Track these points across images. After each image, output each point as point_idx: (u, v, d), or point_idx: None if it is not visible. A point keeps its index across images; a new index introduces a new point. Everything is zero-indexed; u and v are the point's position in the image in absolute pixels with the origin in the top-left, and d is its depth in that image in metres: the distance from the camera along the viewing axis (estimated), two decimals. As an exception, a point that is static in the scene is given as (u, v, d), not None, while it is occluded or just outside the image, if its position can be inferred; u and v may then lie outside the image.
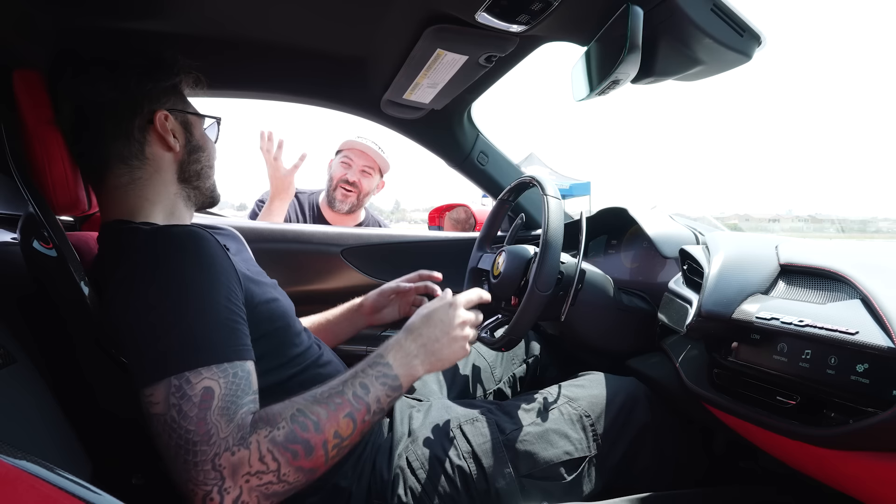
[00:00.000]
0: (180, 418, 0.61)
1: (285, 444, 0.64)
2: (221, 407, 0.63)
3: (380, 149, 1.95)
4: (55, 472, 0.47)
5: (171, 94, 0.92)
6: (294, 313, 0.92)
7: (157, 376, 0.63)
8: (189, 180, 0.93)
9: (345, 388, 0.71)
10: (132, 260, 0.71)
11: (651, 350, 1.11)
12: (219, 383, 0.64)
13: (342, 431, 0.68)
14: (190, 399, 0.62)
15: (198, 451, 0.60)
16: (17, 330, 0.70)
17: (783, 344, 0.71)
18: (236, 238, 1.04)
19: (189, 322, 0.66)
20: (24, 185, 0.80)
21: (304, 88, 1.40)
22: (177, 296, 0.67)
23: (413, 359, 0.79)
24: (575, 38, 1.00)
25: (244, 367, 0.68)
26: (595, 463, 0.88)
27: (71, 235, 0.87)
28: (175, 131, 0.90)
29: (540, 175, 1.10)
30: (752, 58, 0.86)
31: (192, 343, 0.65)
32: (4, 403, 0.61)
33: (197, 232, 0.73)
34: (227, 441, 0.61)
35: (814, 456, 0.71)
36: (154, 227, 0.79)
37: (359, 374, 0.74)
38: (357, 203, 1.98)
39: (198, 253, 0.71)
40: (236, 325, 0.70)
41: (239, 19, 1.06)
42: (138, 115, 0.86)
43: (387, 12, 1.01)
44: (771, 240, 0.92)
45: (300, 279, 1.57)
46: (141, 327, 0.66)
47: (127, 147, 0.85)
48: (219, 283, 0.70)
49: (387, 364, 0.76)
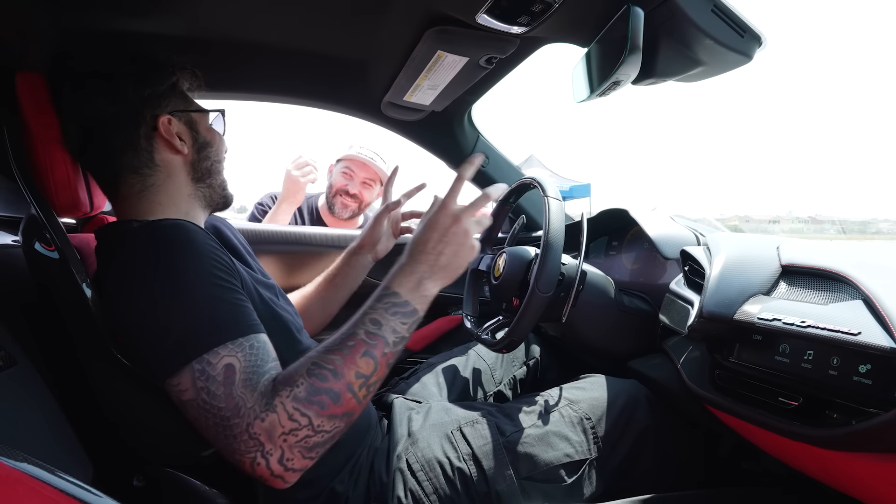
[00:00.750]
0: (210, 399, 0.63)
1: (309, 399, 0.64)
2: (244, 379, 0.64)
3: (382, 161, 1.95)
4: (56, 474, 0.47)
5: (170, 95, 0.90)
6: (294, 313, 0.93)
7: (178, 365, 0.64)
8: (202, 178, 0.91)
9: (356, 328, 0.69)
10: (125, 257, 0.71)
11: (652, 351, 1.10)
12: (237, 358, 0.65)
13: (364, 370, 0.67)
14: (214, 379, 0.63)
15: (232, 424, 0.62)
16: (18, 332, 0.70)
17: (785, 345, 0.71)
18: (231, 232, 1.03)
19: (195, 306, 0.67)
20: (26, 187, 0.81)
21: (305, 90, 1.40)
22: (178, 285, 0.68)
23: (422, 280, 0.74)
24: (575, 40, 1.00)
25: (259, 339, 0.68)
26: (596, 465, 0.88)
27: (73, 237, 0.87)
28: (181, 133, 0.89)
29: (540, 176, 1.10)
30: (753, 58, 0.86)
31: (204, 326, 0.66)
32: (5, 406, 0.61)
33: (183, 223, 0.74)
34: (255, 409, 0.62)
35: (816, 457, 0.71)
36: (142, 223, 0.79)
37: (368, 312, 0.71)
38: (357, 211, 2.00)
39: (189, 241, 0.71)
40: (241, 303, 0.71)
41: (240, 22, 1.06)
42: (142, 125, 0.85)
43: (387, 14, 1.01)
44: (772, 240, 0.92)
45: (301, 281, 1.57)
46: (149, 323, 0.67)
47: (136, 158, 0.85)
48: (214, 267, 0.71)
49: (395, 293, 0.72)
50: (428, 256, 0.75)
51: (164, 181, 0.87)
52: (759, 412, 0.75)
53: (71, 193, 0.87)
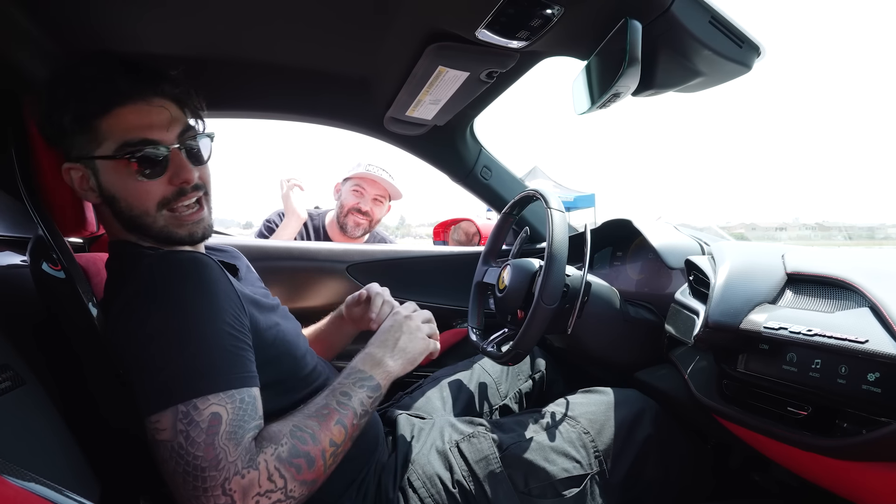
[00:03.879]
0: (188, 444, 0.62)
1: (289, 460, 0.65)
2: (229, 432, 0.63)
3: (390, 177, 1.97)
4: (63, 493, 0.47)
5: (79, 133, 0.78)
6: (299, 334, 0.93)
7: (163, 403, 0.63)
8: (131, 229, 0.82)
9: (328, 399, 0.75)
10: (135, 286, 0.71)
11: (659, 362, 1.10)
12: (226, 409, 0.64)
13: (336, 438, 0.71)
14: (198, 425, 0.62)
15: (207, 476, 0.61)
16: (26, 351, 0.71)
17: (792, 354, 0.71)
18: (240, 258, 1.04)
19: (195, 349, 0.66)
20: (33, 208, 0.82)
21: (308, 108, 1.42)
22: (182, 323, 0.67)
23: (383, 359, 0.85)
24: (575, 53, 1.01)
25: (250, 393, 0.68)
26: (598, 480, 0.87)
27: (80, 256, 0.87)
28: (86, 180, 0.81)
29: (543, 188, 1.10)
30: (752, 68, 0.86)
31: (200, 370, 0.65)
32: (14, 425, 0.61)
33: (200, 258, 0.73)
34: (237, 464, 0.62)
35: (826, 467, 0.70)
36: (158, 252, 0.79)
37: (338, 387, 0.78)
38: (368, 228, 2.01)
39: (201, 279, 0.71)
40: (241, 352, 0.70)
41: (244, 42, 1.08)
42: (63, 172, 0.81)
43: (388, 32, 1.02)
44: (777, 249, 0.91)
45: (306, 296, 1.58)
46: (146, 355, 0.66)
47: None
48: (223, 311, 0.70)
49: (359, 371, 0.81)
50: (387, 341, 0.88)
51: (110, 218, 0.84)
52: (768, 422, 0.74)
53: (77, 213, 0.88)
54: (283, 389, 0.80)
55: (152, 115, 0.79)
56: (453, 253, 1.76)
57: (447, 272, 1.69)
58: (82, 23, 0.94)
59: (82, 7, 0.90)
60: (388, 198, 2.03)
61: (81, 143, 0.79)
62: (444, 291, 1.66)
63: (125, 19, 0.95)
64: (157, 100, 0.80)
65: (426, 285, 1.66)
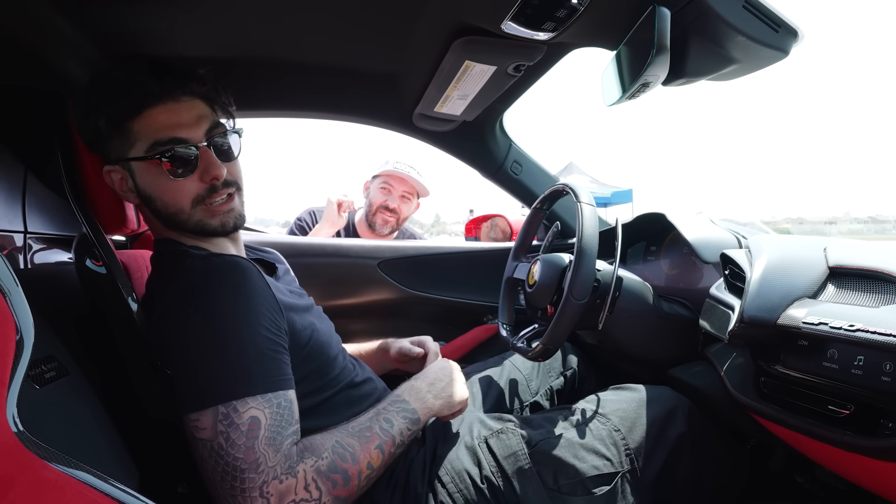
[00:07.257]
0: (228, 446, 0.64)
1: (328, 474, 0.68)
2: (268, 437, 0.66)
3: (418, 174, 1.98)
4: (106, 480, 0.49)
5: (114, 136, 0.81)
6: (332, 334, 0.95)
7: (204, 403, 0.66)
8: (171, 226, 0.85)
9: (371, 423, 0.78)
10: (177, 288, 0.74)
11: (694, 359, 1.07)
12: (264, 413, 0.67)
13: (374, 462, 0.74)
14: (238, 427, 0.65)
15: (245, 478, 0.63)
16: (71, 344, 0.74)
17: (833, 350, 0.68)
18: (281, 260, 1.07)
19: (235, 352, 0.69)
20: (77, 207, 0.86)
21: (338, 106, 1.44)
22: (221, 326, 0.70)
23: (425, 394, 0.87)
24: (603, 43, 0.99)
25: (286, 397, 0.71)
26: (630, 479, 0.85)
27: (121, 253, 0.92)
28: (125, 181, 0.84)
29: (573, 182, 1.08)
30: (790, 54, 0.83)
31: (239, 373, 0.68)
32: (58, 414, 0.64)
33: (239, 262, 0.76)
34: (276, 469, 0.64)
35: (871, 469, 0.67)
36: (201, 254, 0.82)
37: (381, 412, 0.81)
38: (396, 226, 2.03)
39: (241, 284, 0.74)
40: (278, 356, 0.73)
41: (274, 42, 1.10)
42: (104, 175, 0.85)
43: (414, 28, 1.02)
44: (819, 241, 0.88)
45: (338, 292, 1.60)
46: (186, 356, 0.70)
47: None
48: (260, 314, 0.73)
49: (404, 401, 0.84)
50: (436, 381, 0.91)
51: (150, 216, 0.87)
52: (808, 421, 0.71)
53: (119, 212, 0.92)
54: (314, 389, 0.83)
55: (181, 113, 0.81)
56: (484, 249, 1.75)
57: (478, 268, 1.68)
58: (121, 27, 0.98)
59: (121, 11, 0.93)
60: (415, 195, 2.04)
61: (117, 145, 0.82)
62: (475, 287, 1.66)
63: (161, 22, 0.98)
64: (186, 98, 0.82)
65: (457, 281, 1.67)
